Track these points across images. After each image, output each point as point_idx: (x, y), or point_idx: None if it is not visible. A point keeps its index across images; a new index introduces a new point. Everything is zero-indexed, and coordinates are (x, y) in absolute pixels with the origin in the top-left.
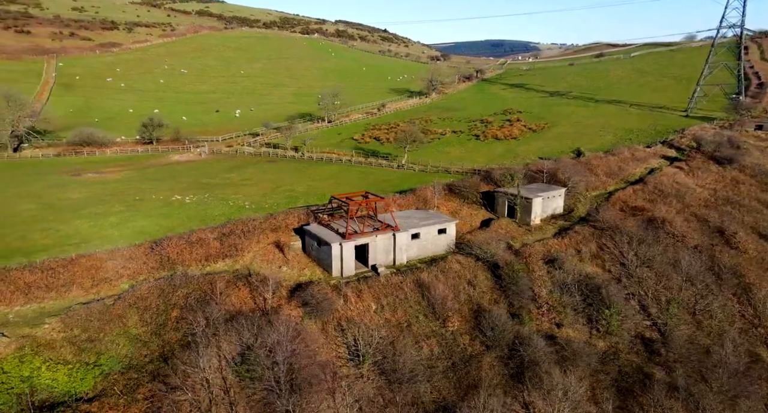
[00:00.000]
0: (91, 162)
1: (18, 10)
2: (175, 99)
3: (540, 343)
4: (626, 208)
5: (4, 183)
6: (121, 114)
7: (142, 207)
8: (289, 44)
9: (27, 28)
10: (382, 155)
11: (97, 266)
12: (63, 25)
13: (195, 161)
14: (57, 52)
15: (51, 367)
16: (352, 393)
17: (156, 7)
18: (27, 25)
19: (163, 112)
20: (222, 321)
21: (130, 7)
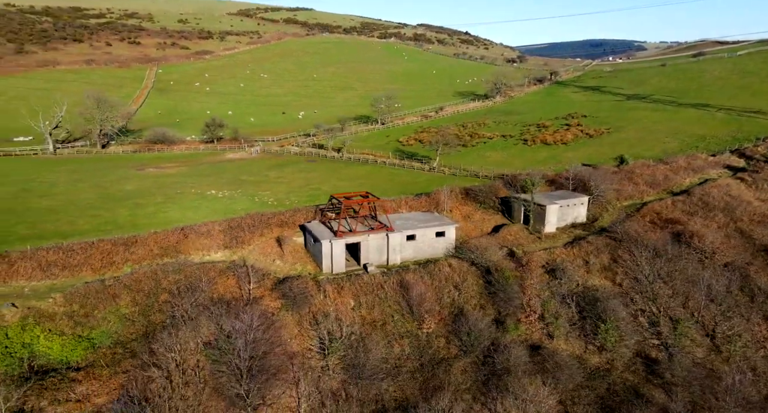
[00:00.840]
0: (158, 158)
1: (133, 24)
2: (249, 101)
3: (519, 352)
4: (658, 220)
5: (81, 175)
6: (200, 115)
7: (178, 200)
8: (364, 48)
9: (138, 40)
10: (419, 158)
11: (109, 250)
12: (167, 35)
13: (244, 160)
14: (159, 60)
15: (48, 337)
16: (316, 385)
17: (248, 17)
18: (138, 37)
19: (236, 113)
20: (204, 308)
21: (226, 17)
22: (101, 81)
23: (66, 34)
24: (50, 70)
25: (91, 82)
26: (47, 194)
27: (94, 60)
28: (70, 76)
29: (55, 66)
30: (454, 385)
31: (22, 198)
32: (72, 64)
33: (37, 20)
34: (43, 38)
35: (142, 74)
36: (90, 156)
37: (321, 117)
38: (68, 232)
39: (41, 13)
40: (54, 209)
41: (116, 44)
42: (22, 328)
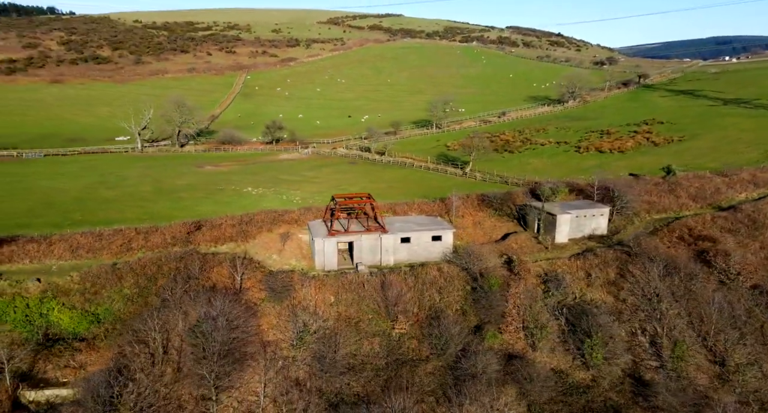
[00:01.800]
0: (221, 157)
1: (232, 34)
2: (321, 105)
3: (488, 359)
4: (688, 236)
5: (151, 170)
6: (271, 117)
7: (215, 195)
8: (443, 53)
9: (234, 49)
10: (457, 163)
11: (131, 237)
12: (260, 44)
13: (293, 160)
14: (249, 67)
15: (61, 310)
16: (284, 374)
17: (336, 25)
18: (235, 47)
19: (306, 116)
20: (195, 294)
21: (315, 26)
22: (198, 87)
23: (176, 46)
24: (159, 78)
25: (190, 88)
26: (115, 186)
27: (195, 68)
28: (174, 83)
29: (163, 74)
30: (418, 386)
31: (94, 189)
32: (177, 72)
33: (155, 34)
34: (157, 50)
35: (233, 80)
36: (168, 154)
37: (383, 120)
38: (114, 219)
39: (160, 27)
40: (114, 199)
41: (215, 54)
42: (41, 300)
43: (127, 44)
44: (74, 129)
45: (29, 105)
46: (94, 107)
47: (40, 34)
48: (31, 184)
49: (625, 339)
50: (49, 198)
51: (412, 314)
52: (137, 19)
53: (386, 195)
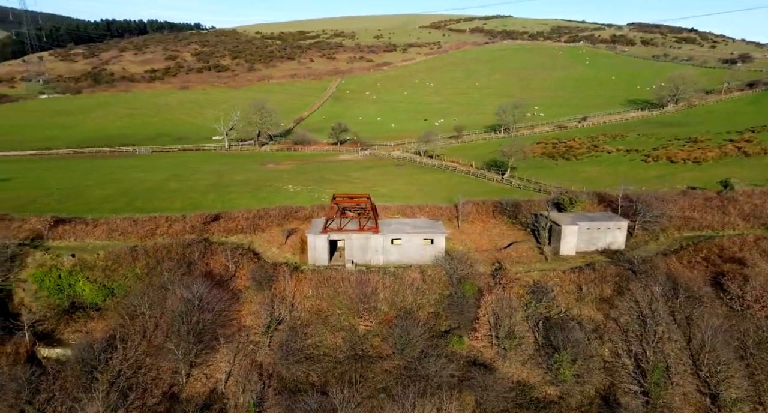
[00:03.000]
0: (287, 156)
1: (335, 42)
2: (404, 109)
3: (444, 364)
4: (717, 257)
5: (222, 167)
6: (352, 120)
7: (257, 191)
8: (543, 54)
9: (334, 56)
10: (502, 169)
11: (158, 224)
12: (359, 50)
13: (349, 161)
14: (345, 72)
15: (85, 282)
16: (251, 357)
17: (437, 29)
18: (335, 53)
19: (384, 119)
20: (189, 278)
21: (416, 30)
22: (296, 91)
23: (284, 54)
24: (265, 84)
25: (289, 92)
26: (183, 180)
27: (297, 74)
28: (277, 87)
29: (269, 80)
30: (372, 382)
31: (166, 181)
32: (281, 78)
33: (270, 43)
34: (268, 58)
35: (327, 85)
36: (246, 153)
37: (457, 124)
38: (162, 208)
39: (276, 37)
40: (175, 190)
41: (317, 60)
42: (70, 273)
43: (244, 53)
44: (185, 129)
45: (159, 108)
46: (205, 110)
47: (180, 47)
48: (122, 175)
49: (606, 358)
50: (127, 187)
51: (382, 312)
52: (258, 30)
53: (414, 197)
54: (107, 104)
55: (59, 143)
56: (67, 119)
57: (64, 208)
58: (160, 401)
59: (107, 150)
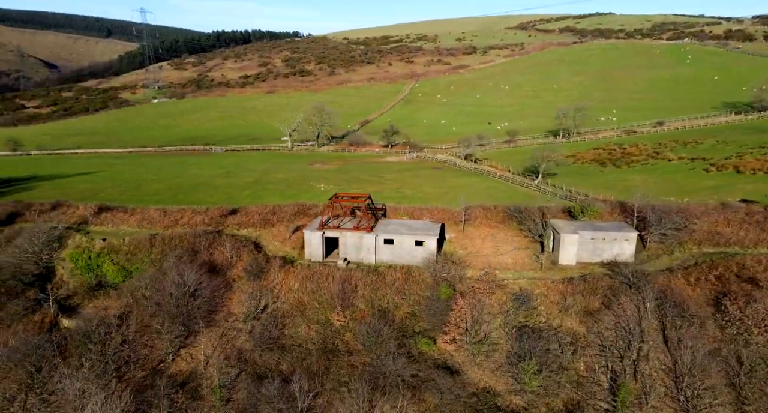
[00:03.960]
0: (337, 157)
1: (416, 46)
2: (472, 112)
3: (406, 364)
4: (734, 275)
5: (273, 165)
6: (417, 123)
7: (290, 189)
8: (637, 54)
9: (412, 59)
10: (535, 175)
11: (182, 215)
12: (437, 53)
13: (394, 163)
14: (421, 75)
15: (109, 264)
16: (233, 342)
17: (524, 30)
18: (414, 57)
19: (448, 122)
20: (191, 265)
21: (500, 32)
22: (371, 94)
23: (365, 59)
24: (343, 88)
25: (363, 96)
26: (233, 176)
27: (374, 78)
28: (353, 91)
29: (347, 84)
30: (335, 375)
31: (216, 177)
32: (358, 82)
33: (354, 48)
34: (349, 62)
35: (401, 88)
36: (304, 153)
37: (521, 128)
38: (201, 201)
39: (360, 42)
40: (220, 185)
41: (395, 64)
42: (98, 254)
43: (327, 59)
44: (262, 130)
45: (246, 110)
46: (284, 112)
47: (273, 54)
48: (184, 171)
49: (581, 373)
50: (181, 182)
51: (358, 309)
52: (346, 36)
53: (434, 200)
54: (203, 107)
55: (155, 142)
56: (168, 120)
57: (122, 198)
58: (147, 376)
59: (189, 149)
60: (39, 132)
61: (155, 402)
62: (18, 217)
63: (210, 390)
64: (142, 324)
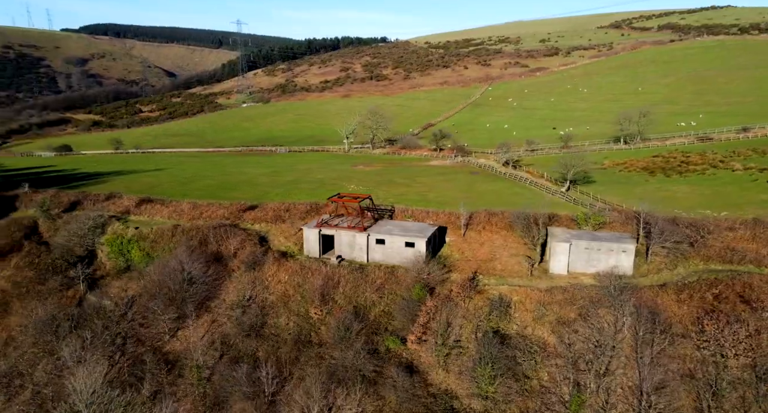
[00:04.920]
0: (383, 159)
1: (494, 48)
2: (538, 116)
3: (365, 360)
4: (737, 296)
5: (319, 165)
6: (479, 127)
7: (319, 188)
8: (748, 51)
9: (489, 62)
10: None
11: (206, 208)
12: (515, 56)
13: (435, 166)
14: (496, 78)
15: (136, 250)
16: (221, 327)
17: (616, 28)
18: (491, 60)
19: (511, 127)
20: (197, 255)
21: (589, 32)
22: (441, 98)
23: (440, 62)
24: (415, 91)
25: (433, 99)
26: (276, 175)
27: (447, 82)
28: (423, 94)
29: (419, 88)
30: (302, 365)
31: (261, 176)
32: (431, 85)
33: (433, 52)
34: (425, 66)
35: (473, 92)
36: (357, 154)
37: (587, 133)
38: (235, 197)
39: (440, 46)
40: (259, 183)
41: (471, 67)
42: (128, 241)
43: (404, 63)
44: (329, 132)
45: (320, 114)
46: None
47: (355, 59)
48: (237, 169)
49: (543, 383)
50: (228, 180)
51: (337, 304)
52: (427, 41)
53: (453, 204)
54: (282, 110)
55: (231, 143)
56: (249, 123)
57: (170, 192)
58: (145, 352)
59: (257, 149)
60: (144, 133)
61: (145, 376)
62: (78, 205)
63: (190, 370)
64: (146, 306)
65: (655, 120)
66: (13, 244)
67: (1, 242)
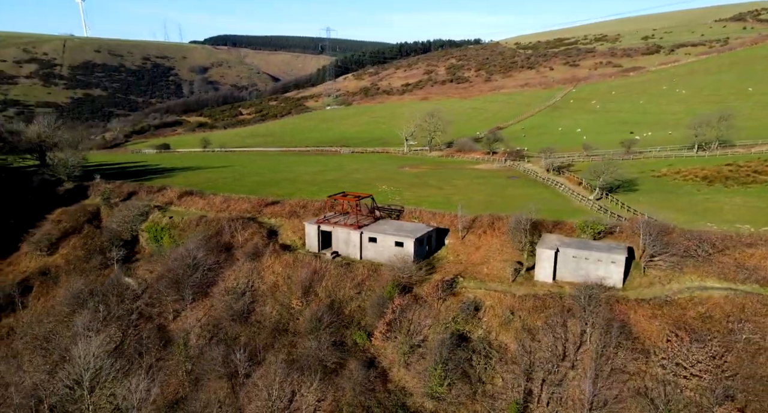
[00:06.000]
0: (434, 162)
1: (587, 47)
2: (620, 119)
3: (328, 351)
4: (724, 317)
5: (368, 165)
6: (551, 131)
7: (354, 188)
8: None
9: (578, 62)
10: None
11: (232, 202)
12: (609, 55)
13: (479, 170)
14: (582, 80)
15: (167, 236)
16: (215, 311)
17: (738, 21)
18: (581, 60)
19: (585, 131)
20: (209, 244)
21: (702, 26)
22: (519, 100)
23: (525, 64)
24: (493, 94)
25: (509, 102)
26: (321, 174)
27: (528, 83)
28: (501, 97)
29: (499, 90)
30: (274, 351)
31: (306, 174)
32: (512, 87)
33: (521, 53)
34: (508, 68)
35: (554, 94)
36: (413, 156)
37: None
38: (269, 192)
39: (529, 47)
40: (301, 181)
41: (557, 68)
42: (161, 229)
43: (488, 65)
44: (395, 134)
45: (394, 116)
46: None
47: (440, 62)
48: (290, 168)
49: (497, 388)
50: (274, 177)
51: (317, 297)
52: (517, 41)
53: (474, 208)
54: (360, 113)
55: (305, 143)
56: (327, 124)
57: (221, 186)
58: (151, 329)
59: (325, 149)
60: (236, 134)
61: (146, 350)
62: (134, 195)
63: (178, 348)
64: (156, 288)
65: (736, 125)
66: (76, 227)
67: (68, 224)
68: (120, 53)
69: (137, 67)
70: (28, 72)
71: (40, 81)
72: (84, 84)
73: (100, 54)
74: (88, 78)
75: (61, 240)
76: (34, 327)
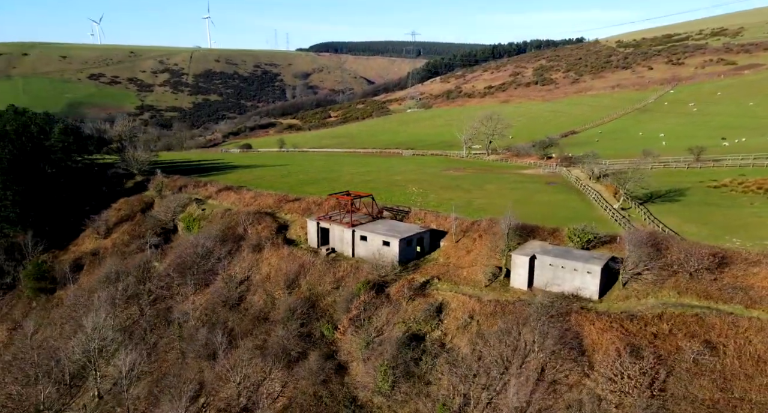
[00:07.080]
0: (483, 165)
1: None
2: (715, 124)
3: (295, 341)
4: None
5: (418, 167)
6: (628, 136)
7: (385, 189)
8: None
9: (683, 60)
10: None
11: (257, 197)
12: (723, 51)
13: (523, 175)
14: (685, 79)
15: (197, 226)
16: (217, 299)
17: None
18: (687, 57)
19: (668, 135)
20: (224, 237)
21: None
22: (606, 103)
23: (620, 64)
24: (579, 96)
25: (594, 105)
26: (366, 175)
27: (620, 85)
28: (588, 100)
29: (586, 92)
30: (251, 337)
31: (354, 175)
32: (601, 89)
33: (619, 53)
34: (599, 68)
35: (647, 96)
36: (471, 160)
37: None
38: (305, 191)
39: (632, 45)
40: (341, 181)
41: (657, 67)
42: (194, 219)
43: (578, 66)
44: None
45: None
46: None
47: (529, 63)
48: (340, 168)
49: (441, 390)
50: (318, 176)
51: (299, 289)
52: (619, 39)
53: (496, 211)
54: (437, 116)
55: (373, 145)
56: (402, 127)
57: (264, 184)
58: (162, 308)
59: (388, 151)
60: (316, 135)
61: (153, 328)
62: (184, 188)
63: (175, 329)
64: (168, 273)
65: None
66: (130, 215)
67: (124, 212)
68: (235, 62)
69: (249, 74)
70: (162, 81)
71: (170, 89)
72: (204, 90)
73: (218, 63)
74: (208, 85)
75: (116, 226)
76: (71, 299)
